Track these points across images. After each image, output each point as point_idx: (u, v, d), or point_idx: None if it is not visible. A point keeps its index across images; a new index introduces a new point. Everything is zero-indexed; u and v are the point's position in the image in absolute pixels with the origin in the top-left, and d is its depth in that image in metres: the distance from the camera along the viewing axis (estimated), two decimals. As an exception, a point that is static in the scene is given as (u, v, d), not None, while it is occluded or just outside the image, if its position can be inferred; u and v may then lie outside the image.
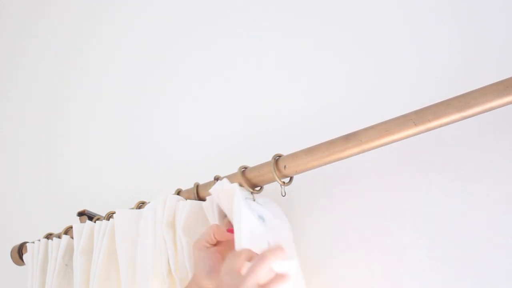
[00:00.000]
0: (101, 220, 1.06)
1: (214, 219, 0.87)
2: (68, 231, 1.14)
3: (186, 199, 0.93)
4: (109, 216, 1.05)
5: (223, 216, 0.86)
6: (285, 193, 0.83)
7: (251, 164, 0.88)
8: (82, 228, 1.07)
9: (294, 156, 0.81)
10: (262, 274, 0.68)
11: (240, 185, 0.84)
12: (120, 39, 1.45)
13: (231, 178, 0.88)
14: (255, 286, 0.68)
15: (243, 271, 0.70)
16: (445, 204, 0.76)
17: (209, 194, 0.89)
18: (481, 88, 0.66)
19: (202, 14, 1.23)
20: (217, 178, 0.92)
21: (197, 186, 0.94)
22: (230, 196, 0.82)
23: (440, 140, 0.78)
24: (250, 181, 0.85)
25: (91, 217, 1.14)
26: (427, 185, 0.79)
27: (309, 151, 0.79)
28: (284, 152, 0.84)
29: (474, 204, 0.74)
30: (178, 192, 0.98)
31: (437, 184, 0.78)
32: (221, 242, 0.82)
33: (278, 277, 0.69)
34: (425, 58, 0.84)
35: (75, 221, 1.14)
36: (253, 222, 0.78)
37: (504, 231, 0.71)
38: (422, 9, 0.86)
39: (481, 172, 0.74)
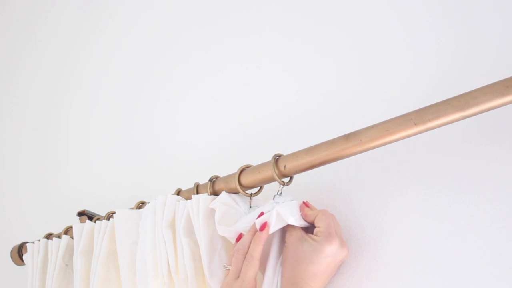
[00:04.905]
0: (101, 220, 1.06)
1: (198, 220, 0.88)
2: (68, 231, 1.14)
3: (186, 199, 0.93)
4: (109, 216, 1.05)
5: (207, 216, 0.87)
6: (281, 192, 0.83)
7: (251, 163, 0.88)
8: (82, 228, 1.07)
9: (294, 155, 0.81)
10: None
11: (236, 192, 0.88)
12: (118, 40, 1.45)
13: (228, 179, 0.88)
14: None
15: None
16: (447, 206, 0.76)
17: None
18: (481, 88, 0.66)
19: (200, 14, 1.23)
20: (213, 179, 0.92)
21: (197, 186, 0.93)
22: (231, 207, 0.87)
23: (441, 139, 0.78)
24: (246, 186, 0.86)
25: (91, 217, 1.14)
26: (428, 186, 0.79)
27: (309, 150, 0.79)
28: (284, 151, 0.84)
29: (477, 203, 0.74)
30: (178, 192, 0.97)
31: (438, 185, 0.77)
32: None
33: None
34: (425, 58, 0.84)
35: (75, 221, 1.14)
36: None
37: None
38: (422, 8, 0.86)
39: (483, 172, 0.74)
